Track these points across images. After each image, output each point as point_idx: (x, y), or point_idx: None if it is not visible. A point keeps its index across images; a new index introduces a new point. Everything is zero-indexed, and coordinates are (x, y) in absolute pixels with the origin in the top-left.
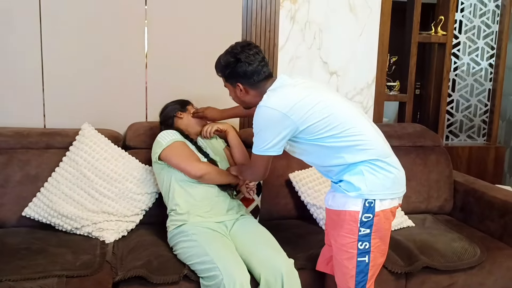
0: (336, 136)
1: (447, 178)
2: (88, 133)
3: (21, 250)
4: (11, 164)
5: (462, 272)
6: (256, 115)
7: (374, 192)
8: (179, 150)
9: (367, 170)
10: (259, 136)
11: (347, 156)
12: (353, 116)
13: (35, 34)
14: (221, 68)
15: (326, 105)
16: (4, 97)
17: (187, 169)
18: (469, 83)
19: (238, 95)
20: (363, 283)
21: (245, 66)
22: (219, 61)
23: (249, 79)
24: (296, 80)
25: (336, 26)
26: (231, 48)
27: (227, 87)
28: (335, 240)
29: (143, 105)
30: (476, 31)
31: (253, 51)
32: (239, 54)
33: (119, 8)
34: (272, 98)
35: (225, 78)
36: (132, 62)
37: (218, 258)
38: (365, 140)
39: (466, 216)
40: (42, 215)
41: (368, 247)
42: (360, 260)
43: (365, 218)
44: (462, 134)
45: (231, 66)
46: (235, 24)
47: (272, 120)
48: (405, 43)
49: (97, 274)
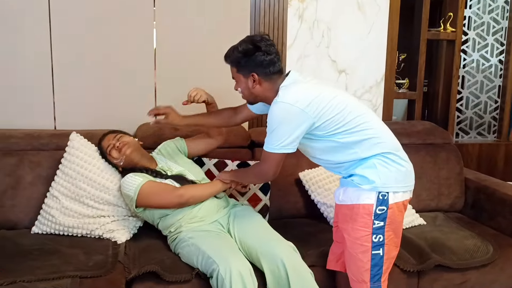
0: (349, 131)
1: (458, 176)
2: (78, 144)
3: (34, 251)
4: (22, 166)
5: (474, 270)
6: (273, 111)
7: (387, 185)
8: (149, 193)
9: (380, 163)
10: (275, 133)
11: (360, 150)
12: (364, 111)
13: (44, 36)
14: (237, 57)
15: (340, 100)
16: (14, 99)
17: (168, 206)
18: (479, 79)
19: (249, 86)
20: (378, 276)
21: (264, 55)
22: (234, 50)
23: (266, 69)
24: (306, 78)
25: (344, 24)
26: (248, 37)
27: (236, 79)
28: (349, 234)
29: (152, 106)
30: (486, 27)
31: (270, 42)
32: (259, 42)
33: (128, 10)
34: (288, 93)
35: (239, 68)
36: (141, 63)
37: (212, 252)
38: (377, 133)
39: (478, 214)
40: (49, 230)
41: (382, 239)
42: (374, 253)
43: (379, 211)
44: (472, 131)
45: (250, 54)
46: (243, 23)
47: (290, 116)
48: (413, 40)
49: (110, 274)
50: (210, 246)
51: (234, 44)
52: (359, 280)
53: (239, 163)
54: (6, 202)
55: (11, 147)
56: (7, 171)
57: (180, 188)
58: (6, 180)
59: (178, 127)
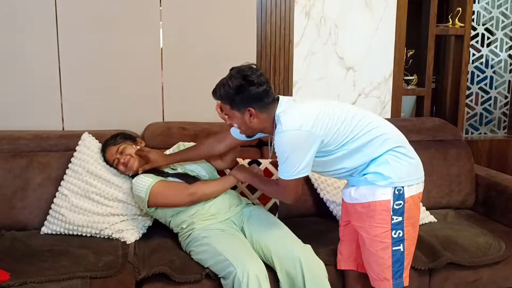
0: (357, 136)
1: (469, 172)
2: (88, 143)
3: (44, 252)
4: (31, 167)
5: (487, 268)
6: (281, 141)
7: (402, 179)
8: (161, 192)
9: (392, 159)
10: (288, 162)
11: (371, 150)
12: (365, 112)
13: (51, 38)
14: (230, 95)
15: (339, 110)
16: (22, 101)
17: (180, 204)
18: (488, 75)
19: (246, 121)
20: (400, 272)
21: (258, 87)
22: (224, 87)
23: (262, 102)
24: (296, 100)
25: (351, 21)
26: (236, 71)
27: (229, 115)
28: (367, 232)
29: (159, 106)
30: (494, 22)
31: (259, 72)
32: (250, 76)
33: (134, 10)
34: (290, 120)
35: (233, 105)
36: (148, 63)
37: (230, 254)
38: (383, 130)
39: (489, 210)
40: (59, 230)
41: (402, 235)
42: (395, 249)
43: (396, 206)
44: (482, 127)
45: (244, 90)
46: (250, 22)
47: (299, 141)
48: (422, 36)
49: (120, 274)
50: (226, 248)
51: (222, 80)
52: (381, 278)
53: (250, 161)
54: (16, 203)
55: (20, 149)
56: (17, 172)
57: (192, 186)
58: (15, 181)
59: (162, 167)
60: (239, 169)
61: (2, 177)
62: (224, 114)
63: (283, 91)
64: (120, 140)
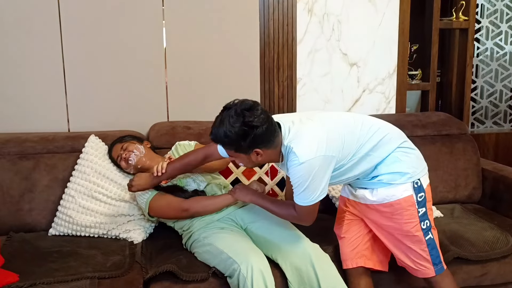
0: (363, 144)
1: (475, 166)
2: (94, 144)
3: (52, 253)
4: (38, 169)
5: (494, 262)
6: (299, 172)
7: (416, 171)
8: (158, 206)
9: (401, 155)
10: (308, 189)
11: (377, 153)
12: (363, 117)
13: (55, 39)
14: (233, 142)
15: (341, 123)
16: (28, 103)
17: (176, 218)
18: (493, 68)
19: (253, 160)
20: (439, 259)
21: (261, 129)
22: (226, 136)
23: (268, 140)
24: (293, 119)
25: (354, 16)
26: (235, 117)
27: (233, 157)
28: (396, 229)
29: (164, 105)
30: (499, 15)
31: (259, 110)
32: (252, 121)
33: (137, 10)
34: (304, 150)
35: (238, 150)
36: (152, 63)
37: (232, 251)
38: (386, 130)
39: (496, 204)
40: (66, 231)
41: (429, 224)
42: (428, 238)
43: (420, 198)
44: (487, 120)
45: (247, 136)
46: (253, 19)
47: (317, 167)
48: (425, 31)
49: (128, 274)
50: (227, 245)
51: (219, 123)
52: (422, 268)
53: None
54: (24, 205)
55: (27, 151)
56: (24, 174)
57: (186, 202)
58: (23, 184)
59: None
60: (241, 190)
61: (10, 179)
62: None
63: (287, 89)
64: (126, 139)
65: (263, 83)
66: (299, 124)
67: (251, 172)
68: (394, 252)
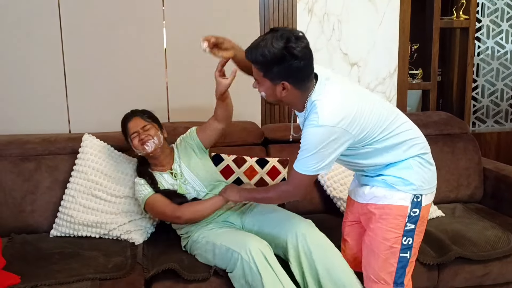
0: (387, 136)
1: (476, 166)
2: (91, 143)
3: (54, 255)
4: (40, 170)
5: (496, 261)
6: (313, 134)
7: (422, 187)
8: (153, 207)
9: (416, 165)
10: (314, 156)
11: (397, 153)
12: (397, 111)
13: (56, 41)
14: (266, 62)
15: (375, 107)
16: (29, 105)
17: (168, 221)
18: (494, 67)
19: (276, 93)
20: (402, 278)
21: (299, 62)
22: (262, 51)
23: (300, 77)
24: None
25: (355, 16)
26: (281, 36)
27: (258, 80)
28: (375, 233)
29: (165, 106)
30: (500, 14)
31: (305, 43)
32: (294, 48)
33: (137, 11)
34: (328, 113)
35: (267, 74)
36: (152, 63)
37: (229, 242)
38: (414, 134)
39: (498, 204)
40: (68, 232)
41: (411, 243)
42: (402, 255)
43: (413, 213)
44: (489, 119)
45: (283, 62)
46: (253, 19)
47: (332, 137)
48: (426, 30)
49: (130, 275)
50: (225, 238)
51: (260, 40)
52: (379, 280)
53: (257, 159)
54: (26, 207)
55: (29, 153)
56: (26, 176)
57: (179, 209)
58: (25, 185)
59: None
60: (231, 190)
61: (12, 181)
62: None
63: None
64: (149, 120)
65: None
66: (335, 85)
67: (253, 173)
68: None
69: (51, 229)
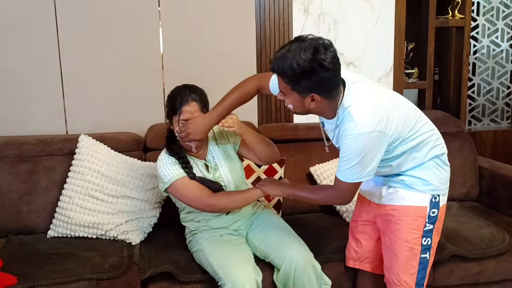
0: (411, 138)
1: (472, 164)
2: (87, 143)
3: (51, 255)
4: (37, 172)
5: (491, 259)
6: (353, 144)
7: (440, 187)
8: (182, 190)
9: (434, 165)
10: (358, 165)
11: (420, 154)
12: (420, 112)
13: (52, 43)
14: (295, 76)
15: (401, 105)
16: (26, 106)
17: (196, 208)
18: (490, 66)
19: (305, 105)
20: (423, 280)
21: (329, 73)
22: (290, 64)
23: (329, 89)
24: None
25: (350, 16)
26: (309, 47)
27: (285, 92)
28: (396, 235)
29: (161, 106)
30: (495, 12)
31: (333, 52)
32: (324, 60)
33: (133, 11)
34: (365, 119)
35: (295, 87)
36: (149, 64)
37: (219, 267)
38: (435, 135)
39: (493, 202)
40: (65, 232)
41: (430, 243)
42: (423, 256)
43: (432, 214)
44: (485, 118)
45: (315, 75)
46: (249, 20)
47: (372, 143)
48: (422, 29)
49: (126, 275)
50: (217, 259)
51: (287, 51)
52: (402, 283)
53: None
54: (23, 208)
55: (26, 154)
56: (23, 177)
57: (214, 197)
58: (22, 186)
59: None
60: (271, 184)
61: (9, 182)
62: (279, 89)
63: None
64: (204, 111)
65: None
66: (363, 87)
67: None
68: (384, 258)
69: (48, 229)
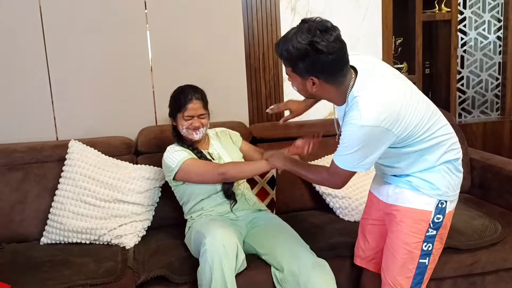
0: (425, 140)
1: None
2: (77, 149)
3: (45, 263)
4: (28, 180)
5: (484, 250)
6: (353, 133)
7: (448, 193)
8: (191, 167)
9: (445, 170)
10: (355, 154)
11: (432, 157)
12: (439, 112)
13: (39, 49)
14: (292, 58)
15: (419, 105)
16: (15, 113)
17: (209, 182)
18: (478, 58)
19: (307, 88)
20: (419, 286)
21: (325, 57)
22: (288, 46)
23: (328, 72)
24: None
25: (338, 13)
26: (307, 30)
27: (290, 76)
28: (396, 237)
29: (151, 110)
30: (481, 5)
31: (334, 36)
32: (318, 43)
33: (120, 15)
34: (369, 112)
35: (294, 69)
36: (137, 67)
37: (206, 228)
38: (452, 139)
39: (485, 193)
40: (58, 239)
41: (431, 249)
42: (421, 261)
43: (436, 219)
44: (475, 110)
45: (308, 57)
46: (236, 20)
47: (374, 136)
48: (409, 24)
49: (120, 280)
50: (205, 225)
51: (288, 33)
52: (396, 285)
53: None
54: (15, 216)
55: (16, 162)
56: (14, 186)
57: (222, 166)
58: (13, 195)
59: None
60: (277, 156)
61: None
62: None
63: (274, 88)
64: (206, 109)
65: (249, 83)
66: (378, 79)
67: None
68: (383, 258)
69: (42, 237)
